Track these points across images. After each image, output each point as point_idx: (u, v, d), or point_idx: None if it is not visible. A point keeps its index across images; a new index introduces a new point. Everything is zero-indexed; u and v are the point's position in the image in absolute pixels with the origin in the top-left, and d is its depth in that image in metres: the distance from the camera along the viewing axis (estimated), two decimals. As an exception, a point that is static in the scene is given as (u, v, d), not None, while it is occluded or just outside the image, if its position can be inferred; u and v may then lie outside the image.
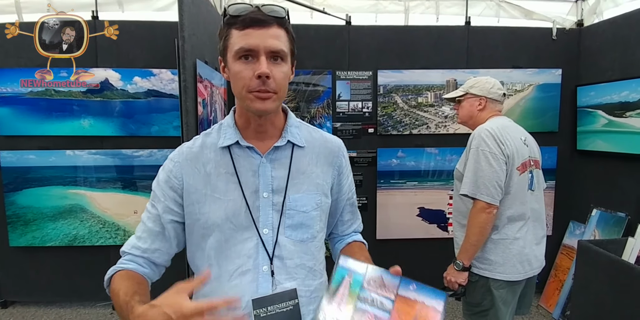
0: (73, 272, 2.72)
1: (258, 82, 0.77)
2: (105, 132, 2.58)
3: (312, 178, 0.90)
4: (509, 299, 1.56)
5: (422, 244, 2.84)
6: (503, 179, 1.49)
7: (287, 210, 0.86)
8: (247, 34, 0.76)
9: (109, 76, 2.54)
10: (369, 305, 0.66)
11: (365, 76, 2.74)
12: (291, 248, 0.86)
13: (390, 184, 2.80)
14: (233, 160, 0.86)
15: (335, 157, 0.95)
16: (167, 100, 2.58)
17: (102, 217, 2.64)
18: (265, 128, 0.87)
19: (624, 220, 2.41)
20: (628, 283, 1.89)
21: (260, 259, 0.84)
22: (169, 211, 0.86)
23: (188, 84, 1.80)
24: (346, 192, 0.99)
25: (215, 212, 0.84)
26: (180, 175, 0.86)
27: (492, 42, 2.78)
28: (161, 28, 2.52)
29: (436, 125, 2.78)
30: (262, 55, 0.77)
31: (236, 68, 0.78)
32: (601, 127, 2.58)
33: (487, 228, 1.50)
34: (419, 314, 0.64)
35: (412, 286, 0.67)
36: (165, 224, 0.86)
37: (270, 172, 0.86)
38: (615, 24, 2.53)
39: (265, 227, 0.85)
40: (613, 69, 2.53)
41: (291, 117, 0.93)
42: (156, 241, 0.86)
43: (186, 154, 0.89)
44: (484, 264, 1.55)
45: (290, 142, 0.89)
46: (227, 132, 0.88)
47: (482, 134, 1.53)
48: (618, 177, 2.51)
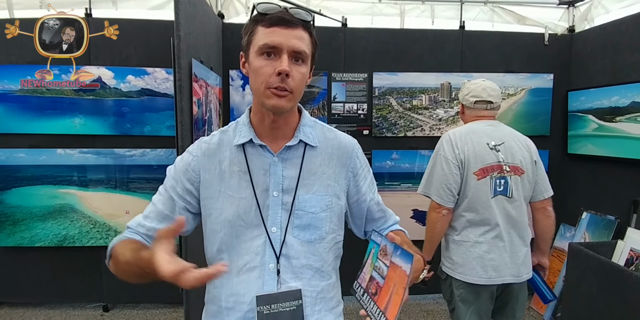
0: (62, 273, 2.67)
1: (277, 79, 0.78)
2: (97, 131, 2.55)
3: (323, 179, 0.90)
4: (471, 300, 1.58)
5: (416, 246, 2.83)
6: (453, 182, 1.56)
7: (296, 210, 0.86)
8: (273, 31, 0.78)
9: (102, 74, 2.51)
10: (377, 273, 0.74)
11: (361, 78, 2.76)
12: (298, 248, 0.86)
13: (384, 185, 2.81)
14: (247, 158, 0.87)
15: (348, 158, 0.94)
16: (161, 100, 2.56)
17: (92, 218, 2.60)
18: (278, 125, 0.87)
19: (613, 223, 2.45)
20: (618, 285, 1.92)
21: (268, 257, 0.85)
22: (182, 199, 0.88)
23: (183, 84, 1.79)
24: (366, 193, 0.97)
25: (227, 209, 0.85)
26: (198, 169, 0.88)
27: (485, 47, 2.81)
28: (156, 27, 2.50)
29: (430, 127, 2.80)
30: (285, 53, 0.78)
31: (257, 63, 0.79)
32: (591, 131, 2.62)
33: (437, 226, 1.60)
34: (397, 278, 0.68)
35: (398, 252, 0.71)
36: (177, 209, 0.87)
37: (281, 172, 0.87)
38: (605, 30, 2.58)
39: (274, 226, 0.86)
40: (603, 74, 2.57)
41: (305, 117, 0.93)
42: (163, 223, 0.86)
43: (204, 149, 0.90)
44: (449, 263, 1.63)
45: (303, 141, 0.89)
46: (242, 130, 0.89)
47: (443, 139, 1.64)
48: (608, 180, 2.55)
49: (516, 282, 1.57)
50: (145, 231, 0.86)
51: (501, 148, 1.59)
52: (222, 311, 0.86)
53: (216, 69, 2.40)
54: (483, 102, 1.66)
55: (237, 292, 0.85)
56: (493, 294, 1.60)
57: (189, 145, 0.95)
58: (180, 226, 0.67)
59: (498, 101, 1.68)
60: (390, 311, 0.65)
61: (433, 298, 3.01)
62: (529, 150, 1.63)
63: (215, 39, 2.48)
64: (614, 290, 1.93)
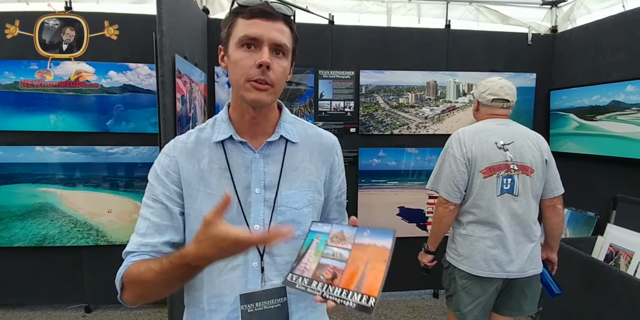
0: (43, 273, 2.60)
1: (258, 71, 0.76)
2: (78, 128, 2.48)
3: (305, 175, 0.89)
4: (473, 291, 1.62)
5: (402, 243, 2.82)
6: (460, 179, 1.61)
7: (279, 207, 0.85)
8: (253, 23, 0.77)
9: (83, 68, 2.44)
10: (330, 259, 0.72)
11: (348, 76, 2.75)
12: (282, 245, 0.85)
13: (371, 183, 2.82)
14: (226, 155, 0.85)
15: (329, 155, 0.94)
16: (144, 96, 2.50)
17: (73, 217, 2.54)
18: (258, 121, 0.86)
19: (593, 219, 2.51)
20: (598, 280, 1.98)
21: (251, 255, 0.84)
22: (175, 204, 0.84)
23: (166, 79, 1.75)
24: (336, 191, 0.99)
25: (208, 208, 0.82)
26: (177, 169, 0.85)
27: (471, 46, 2.84)
28: (139, 21, 2.45)
29: (416, 125, 2.82)
30: (265, 45, 0.77)
31: (237, 55, 0.78)
32: (572, 130, 2.68)
33: (444, 220, 1.66)
34: (371, 256, 0.68)
35: (366, 232, 0.72)
36: (175, 215, 0.84)
37: (262, 168, 0.86)
38: (587, 31, 2.63)
39: (257, 223, 0.84)
40: (585, 74, 2.63)
41: (285, 113, 0.92)
42: (166, 234, 0.83)
43: (181, 149, 0.87)
44: (453, 254, 1.69)
45: (284, 137, 0.88)
46: (221, 126, 0.87)
47: (453, 137, 1.68)
48: (588, 178, 2.61)
49: (521, 277, 1.60)
50: (152, 249, 0.80)
51: (510, 147, 1.61)
52: (205, 314, 0.84)
53: (201, 65, 2.36)
54: (500, 100, 1.68)
55: (220, 293, 0.83)
56: (498, 288, 1.63)
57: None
58: (227, 201, 0.63)
59: (514, 100, 1.71)
60: (368, 287, 0.65)
61: (418, 294, 3.03)
62: (540, 149, 1.64)
63: (200, 35, 2.44)
64: (594, 284, 1.98)
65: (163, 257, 0.71)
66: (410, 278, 2.87)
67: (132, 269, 0.76)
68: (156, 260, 0.73)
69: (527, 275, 1.60)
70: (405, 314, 2.74)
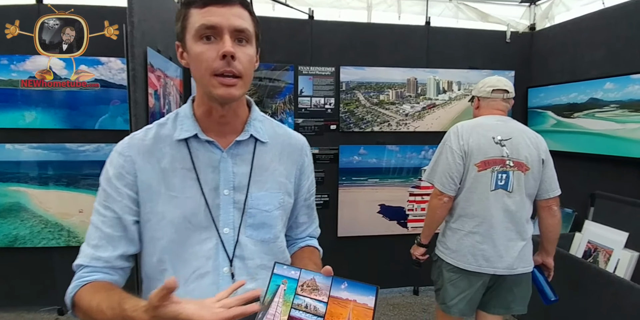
0: (14, 275, 2.51)
1: (222, 63, 0.71)
2: (48, 125, 2.39)
3: (275, 175, 0.86)
4: (460, 284, 1.63)
5: (383, 241, 2.86)
6: (456, 171, 1.61)
7: (249, 209, 0.82)
8: (208, 11, 0.71)
9: (53, 64, 2.35)
10: (303, 312, 0.64)
11: (328, 72, 2.72)
12: (252, 248, 0.82)
13: (352, 181, 2.79)
14: (191, 154, 0.79)
15: (298, 156, 0.91)
16: (116, 91, 2.42)
17: (44, 217, 2.45)
18: (227, 119, 0.81)
19: (571, 216, 2.53)
20: (576, 277, 1.99)
21: (221, 260, 0.79)
22: (128, 211, 0.78)
23: (137, 74, 1.69)
24: (305, 193, 0.95)
25: (171, 212, 0.77)
26: (133, 170, 0.78)
27: (450, 43, 2.84)
28: (110, 13, 2.37)
29: (397, 123, 2.81)
30: (226, 34, 0.71)
31: (197, 49, 0.72)
32: (550, 127, 2.70)
33: (437, 212, 1.67)
34: (352, 314, 0.62)
35: (343, 285, 0.64)
36: (129, 226, 0.78)
37: (231, 168, 0.81)
38: (565, 29, 2.66)
39: (226, 227, 0.80)
40: (563, 71, 2.65)
41: (255, 111, 0.88)
42: (119, 246, 0.77)
43: (138, 147, 0.80)
44: (442, 247, 1.70)
45: (253, 136, 0.84)
46: (185, 123, 0.81)
47: (451, 130, 1.69)
48: (566, 174, 2.61)
49: (509, 274, 1.59)
50: (104, 264, 0.76)
51: (507, 143, 1.61)
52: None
53: (176, 59, 2.30)
54: (500, 90, 1.70)
55: None
56: (485, 284, 1.62)
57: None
58: (172, 288, 0.55)
59: (512, 92, 1.73)
60: None
61: (399, 291, 3.03)
62: (538, 148, 1.63)
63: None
64: (573, 281, 2.00)
65: (114, 300, 0.65)
66: (391, 275, 2.87)
67: (83, 295, 0.71)
68: (109, 298, 0.66)
69: (516, 273, 1.59)
70: (385, 312, 2.72)
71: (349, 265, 2.83)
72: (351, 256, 2.83)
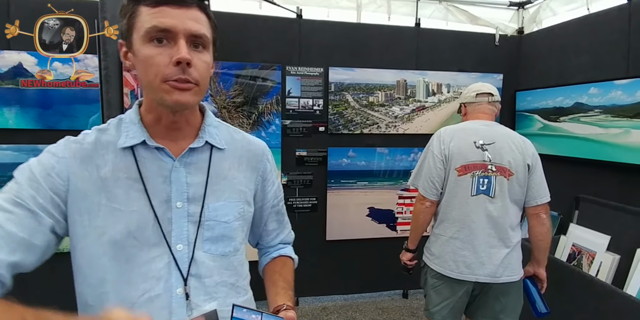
0: None
1: (176, 69, 0.64)
2: (19, 125, 2.24)
3: (234, 184, 0.79)
4: (443, 291, 1.61)
5: (372, 244, 2.82)
6: (437, 176, 1.61)
7: (206, 221, 0.74)
8: (161, 11, 0.64)
9: (23, 60, 2.20)
10: None
11: (317, 73, 2.65)
12: (210, 264, 0.74)
13: (340, 183, 2.74)
14: (137, 163, 0.71)
15: (259, 162, 0.85)
16: (92, 90, 2.29)
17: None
18: (179, 126, 0.74)
19: (556, 219, 2.56)
20: (561, 280, 2.00)
21: (173, 281, 0.71)
22: (49, 215, 0.66)
23: (110, 73, 1.59)
24: (271, 199, 0.90)
25: (113, 227, 0.68)
26: (66, 175, 0.69)
27: (440, 45, 2.82)
28: (86, 9, 2.23)
29: (386, 125, 2.77)
30: (182, 38, 0.65)
31: (147, 52, 0.65)
32: (537, 130, 2.72)
33: (420, 217, 1.66)
34: None
35: None
36: (43, 230, 0.66)
37: (184, 178, 0.74)
38: (552, 33, 2.68)
39: (180, 243, 0.72)
40: (550, 75, 2.67)
41: (209, 116, 0.81)
42: (17, 252, 0.62)
43: (75, 150, 0.71)
44: (428, 253, 1.70)
45: (209, 143, 0.77)
46: (130, 129, 0.73)
47: (435, 134, 1.69)
48: (551, 178, 2.63)
49: (493, 282, 1.55)
50: None
51: (489, 148, 1.58)
52: None
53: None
54: (484, 94, 1.71)
55: None
56: (468, 292, 1.59)
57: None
58: None
59: (497, 95, 1.74)
60: None
61: (388, 295, 3.01)
62: (523, 153, 1.58)
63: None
64: (557, 284, 2.00)
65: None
66: (380, 279, 2.84)
67: None
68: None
69: (501, 281, 1.55)
70: (374, 316, 2.69)
71: (338, 268, 2.79)
72: (340, 260, 2.78)
